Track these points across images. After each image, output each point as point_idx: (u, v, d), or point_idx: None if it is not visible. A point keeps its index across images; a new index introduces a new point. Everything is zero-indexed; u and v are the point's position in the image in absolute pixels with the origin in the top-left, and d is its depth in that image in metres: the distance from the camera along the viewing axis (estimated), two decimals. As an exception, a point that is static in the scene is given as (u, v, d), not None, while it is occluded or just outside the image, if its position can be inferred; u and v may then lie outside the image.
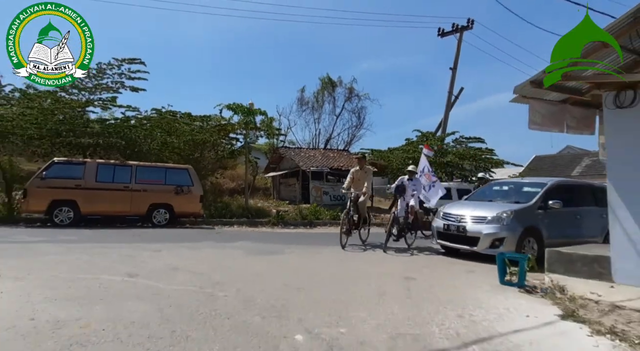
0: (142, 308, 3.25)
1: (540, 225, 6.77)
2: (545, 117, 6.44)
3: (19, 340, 2.48)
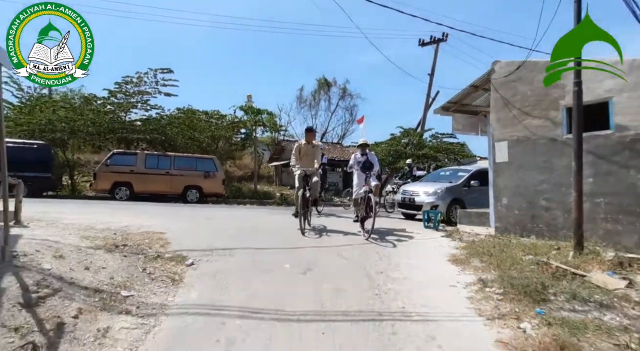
0: (222, 227, 6.51)
1: (464, 197, 10.09)
2: (464, 125, 9.75)
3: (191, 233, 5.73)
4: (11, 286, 2.93)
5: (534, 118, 6.70)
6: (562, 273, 4.56)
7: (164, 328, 3.03)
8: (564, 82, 6.09)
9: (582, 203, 5.39)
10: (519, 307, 3.70)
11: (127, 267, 3.92)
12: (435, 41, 22.94)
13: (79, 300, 3.10)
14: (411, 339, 3.13)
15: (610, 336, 3.18)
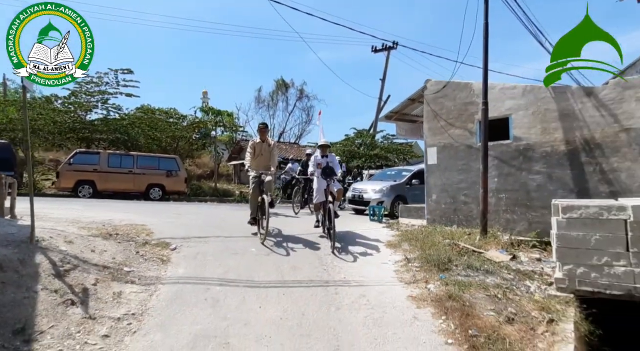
0: (193, 221, 7.42)
1: (406, 194, 11.57)
2: (406, 131, 11.22)
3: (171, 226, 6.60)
4: (43, 262, 3.78)
5: (456, 128, 8.18)
6: (466, 251, 5.98)
7: (163, 292, 4.00)
8: (477, 100, 7.59)
9: (488, 198, 6.90)
10: (429, 275, 5.01)
11: (123, 250, 4.81)
12: (386, 49, 24.62)
13: (94, 273, 4.00)
14: (348, 296, 4.32)
15: (486, 290, 4.54)
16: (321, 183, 6.74)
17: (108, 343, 3.05)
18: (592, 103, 6.11)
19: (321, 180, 6.72)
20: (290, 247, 6.01)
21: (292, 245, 6.13)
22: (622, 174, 5.80)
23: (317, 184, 6.94)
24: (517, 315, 3.95)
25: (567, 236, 4.63)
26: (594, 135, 6.09)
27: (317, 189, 6.91)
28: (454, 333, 3.53)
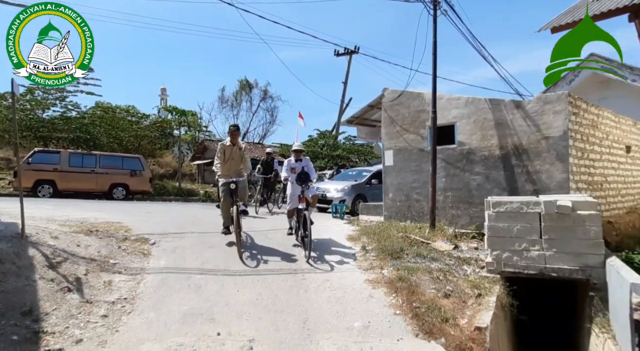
0: (166, 218, 7.80)
1: (366, 193, 12.42)
2: (367, 134, 12.07)
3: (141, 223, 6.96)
4: (36, 255, 4.15)
5: (410, 133, 9.07)
6: (417, 242, 6.81)
7: (149, 280, 4.47)
8: (428, 109, 8.49)
9: (436, 196, 7.80)
10: (384, 262, 5.77)
11: (106, 245, 5.18)
12: (348, 53, 25.58)
13: (83, 265, 4.40)
14: (314, 281, 4.98)
15: (430, 273, 5.36)
16: (295, 189, 6.51)
17: (108, 321, 3.52)
18: (520, 115, 7.16)
19: (295, 186, 6.50)
20: (260, 240, 6.58)
21: (262, 238, 6.71)
22: (542, 175, 6.88)
23: (291, 190, 6.66)
24: (453, 292, 4.78)
25: (496, 227, 5.56)
26: (522, 141, 7.14)
27: (291, 195, 6.64)
28: (402, 306, 4.28)
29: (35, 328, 3.22)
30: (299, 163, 6.85)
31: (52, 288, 3.78)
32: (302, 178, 6.38)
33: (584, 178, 7.13)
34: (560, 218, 5.16)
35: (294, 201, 6.50)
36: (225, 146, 6.30)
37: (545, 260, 5.22)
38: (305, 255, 5.86)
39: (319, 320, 3.94)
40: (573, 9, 6.07)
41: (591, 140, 7.46)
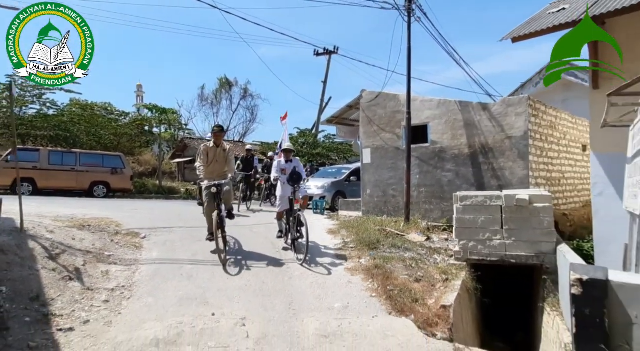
0: (153, 214, 8.05)
1: (345, 189, 12.91)
2: (345, 133, 12.55)
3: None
4: (36, 247, 4.41)
5: (387, 133, 9.59)
6: (392, 234, 7.32)
7: (143, 270, 4.79)
8: (403, 110, 9.01)
9: (410, 192, 8.34)
10: (361, 252, 6.23)
11: (99, 239, 5.45)
12: (328, 53, 26.01)
13: (81, 256, 4.68)
14: (297, 269, 5.39)
15: (404, 262, 5.86)
16: (285, 190, 6.35)
17: (110, 306, 3.85)
18: (486, 116, 7.76)
19: (286, 187, 6.32)
20: (245, 233, 6.94)
21: (247, 232, 7.07)
22: (506, 172, 7.50)
23: (282, 191, 6.48)
24: (423, 277, 5.29)
25: (463, 219, 6.12)
26: (488, 141, 7.75)
27: (282, 197, 6.45)
28: (377, 290, 4.75)
29: (44, 312, 3.52)
30: (290, 164, 6.65)
31: (55, 277, 4.06)
32: (294, 178, 6.17)
33: (542, 174, 7.81)
34: (518, 210, 5.75)
35: (285, 202, 6.34)
36: (209, 148, 6.00)
37: (506, 248, 5.80)
38: (299, 259, 5.72)
39: (302, 302, 4.36)
40: (531, 21, 6.67)
41: (550, 139, 8.16)
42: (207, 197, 5.64)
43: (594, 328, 3.62)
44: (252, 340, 3.28)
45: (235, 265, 5.32)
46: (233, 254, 5.78)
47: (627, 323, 3.50)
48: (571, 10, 6.12)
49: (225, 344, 3.19)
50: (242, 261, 5.54)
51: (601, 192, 5.94)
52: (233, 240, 6.51)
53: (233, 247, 6.17)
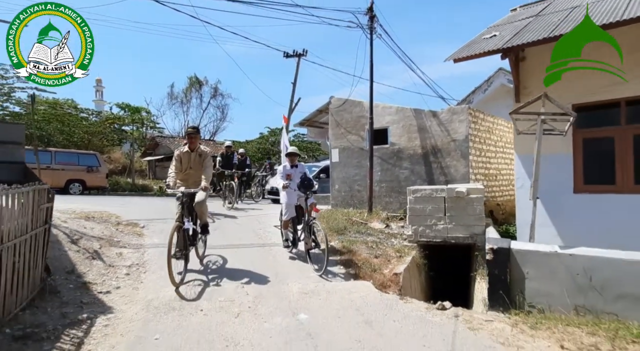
0: (143, 208, 8.84)
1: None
2: (316, 134, 13.69)
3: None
4: (59, 233, 5.25)
5: (352, 135, 10.80)
6: (357, 223, 8.54)
7: (150, 252, 5.71)
8: (367, 115, 10.25)
9: (373, 187, 9.60)
10: (331, 237, 7.38)
11: (105, 228, 6.29)
12: (297, 55, 27.02)
13: (95, 241, 5.54)
14: (279, 251, 6.46)
15: (366, 244, 7.06)
16: (291, 198, 6.05)
17: (131, 277, 4.78)
18: (436, 122, 9.14)
19: (291, 194, 6.04)
20: (230, 223, 7.92)
21: (231, 223, 8.05)
22: (451, 169, 8.91)
23: (287, 198, 6.11)
24: (381, 254, 6.52)
25: (414, 208, 7.41)
26: (437, 143, 9.12)
27: (287, 204, 6.09)
28: (344, 265, 5.92)
29: (81, 281, 4.42)
30: (295, 170, 6.34)
31: (81, 257, 4.94)
32: (306, 185, 5.82)
33: (481, 171, 9.30)
34: (457, 200, 7.11)
35: (291, 210, 6.06)
36: (182, 153, 5.31)
37: (448, 231, 7.15)
38: (317, 268, 5.43)
39: (286, 273, 5.44)
40: (470, 43, 8.03)
41: (487, 142, 9.67)
42: (178, 206, 4.96)
43: (500, 283, 4.97)
44: (251, 296, 4.33)
45: (227, 247, 6.32)
46: (224, 241, 6.78)
47: (522, 278, 4.86)
48: (500, 37, 7.53)
49: (231, 299, 4.22)
50: (231, 242, 6.56)
51: (522, 185, 7.39)
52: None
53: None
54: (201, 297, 4.25)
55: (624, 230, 6.09)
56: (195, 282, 4.76)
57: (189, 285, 4.60)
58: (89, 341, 3.20)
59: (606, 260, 4.35)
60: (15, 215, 3.32)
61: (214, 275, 5.07)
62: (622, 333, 3.40)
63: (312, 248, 5.82)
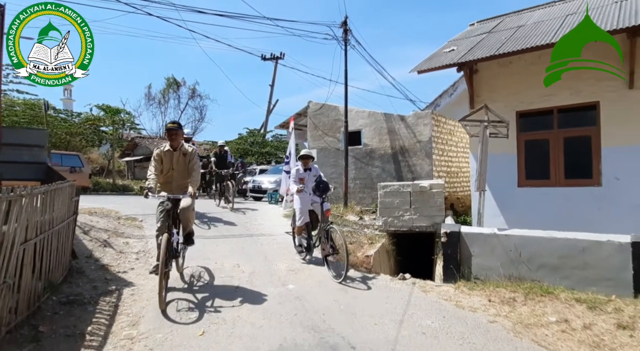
0: (136, 205, 9.51)
1: (294, 184, 14.95)
2: (295, 136, 14.54)
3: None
4: (74, 225, 5.93)
5: (329, 136, 11.77)
6: (334, 216, 9.49)
7: (152, 242, 6.40)
8: (342, 118, 11.23)
9: (348, 184, 10.59)
10: (311, 228, 8.31)
11: (108, 222, 6.99)
12: (274, 58, 27.83)
13: (103, 232, 6.26)
14: (265, 240, 7.33)
15: (342, 233, 8.02)
16: (305, 202, 5.85)
17: (140, 261, 5.55)
18: (404, 125, 10.22)
19: (305, 198, 5.84)
20: (222, 219, 8.73)
21: (222, 225, 8.85)
22: (417, 167, 10.01)
23: (300, 203, 5.87)
24: (355, 241, 7.50)
25: (384, 201, 8.43)
26: (404, 144, 10.20)
27: (301, 209, 5.85)
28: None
29: (99, 264, 5.17)
30: (309, 173, 6.08)
31: (94, 245, 5.67)
32: (322, 188, 5.56)
33: (443, 169, 10.46)
34: (421, 194, 8.18)
35: (305, 215, 5.86)
36: (163, 152, 4.60)
37: (413, 221, 8.21)
38: (335, 276, 5.18)
39: (274, 257, 6.32)
40: (432, 56, 9.13)
41: (449, 143, 10.85)
42: (159, 214, 4.39)
43: (452, 260, 6.01)
44: (246, 274, 5.20)
45: (219, 237, 7.14)
46: (218, 232, 7.58)
47: (469, 256, 5.92)
48: (457, 52, 8.65)
49: (230, 275, 5.08)
50: (221, 232, 7.38)
51: (475, 180, 8.55)
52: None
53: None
54: (204, 274, 5.09)
55: (557, 216, 7.30)
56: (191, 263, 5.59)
57: (191, 267, 5.41)
58: (122, 304, 4.00)
59: (532, 238, 5.47)
60: (59, 205, 4.07)
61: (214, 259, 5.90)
62: (535, 290, 4.50)
63: (330, 255, 5.52)
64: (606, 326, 3.60)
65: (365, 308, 4.18)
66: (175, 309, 3.93)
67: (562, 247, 5.24)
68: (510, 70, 8.04)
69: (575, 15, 8.11)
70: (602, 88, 7.05)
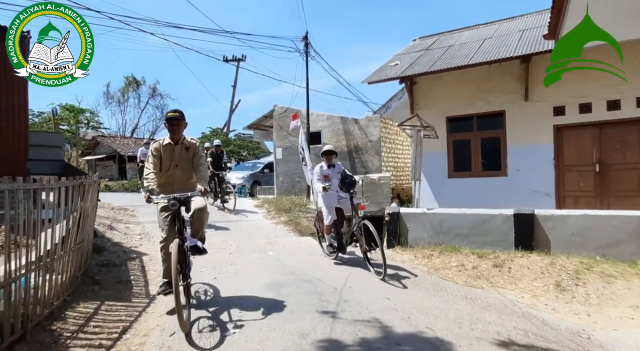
0: (121, 198, 10.51)
1: (260, 179, 16.30)
2: (261, 135, 15.93)
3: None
4: (83, 213, 7.04)
5: (293, 137, 13.25)
6: (299, 205, 11.03)
7: (148, 226, 7.66)
8: (304, 121, 12.75)
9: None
10: (280, 214, 9.78)
11: (105, 211, 8.08)
12: (236, 60, 28.84)
13: (105, 219, 7.40)
14: (245, 224, 8.72)
15: (307, 218, 9.57)
16: (331, 200, 5.62)
17: (144, 240, 6.78)
18: (357, 127, 11.93)
19: (331, 196, 5.61)
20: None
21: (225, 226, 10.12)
22: (369, 163, 11.76)
23: (325, 201, 5.64)
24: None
25: (341, 191, 10.06)
26: (358, 143, 11.92)
27: (328, 207, 5.60)
28: (292, 229, 8.36)
29: (112, 242, 6.36)
30: (332, 170, 5.81)
31: (102, 228, 6.82)
32: (347, 183, 5.32)
33: (391, 164, 12.30)
34: (371, 185, 9.90)
35: (332, 213, 5.57)
36: (163, 146, 4.00)
37: (365, 207, 9.91)
38: (377, 273, 5.04)
39: (253, 236, 7.74)
40: (380, 69, 10.89)
41: (396, 142, 12.72)
42: (164, 220, 3.84)
43: (393, 234, 7.71)
44: (234, 246, 6.61)
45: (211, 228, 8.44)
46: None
47: (406, 230, 7.65)
48: (399, 67, 10.45)
49: (222, 247, 6.47)
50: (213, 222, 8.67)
51: (415, 173, 10.41)
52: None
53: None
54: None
55: (477, 200, 9.26)
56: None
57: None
58: (147, 266, 5.29)
59: (450, 214, 7.30)
60: (94, 193, 5.27)
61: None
62: (447, 249, 6.29)
63: (369, 250, 5.31)
64: (486, 266, 5.42)
65: (327, 264, 5.76)
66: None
67: (470, 220, 7.11)
68: (441, 83, 9.95)
69: (491, 39, 10.18)
70: (507, 100, 9.11)
